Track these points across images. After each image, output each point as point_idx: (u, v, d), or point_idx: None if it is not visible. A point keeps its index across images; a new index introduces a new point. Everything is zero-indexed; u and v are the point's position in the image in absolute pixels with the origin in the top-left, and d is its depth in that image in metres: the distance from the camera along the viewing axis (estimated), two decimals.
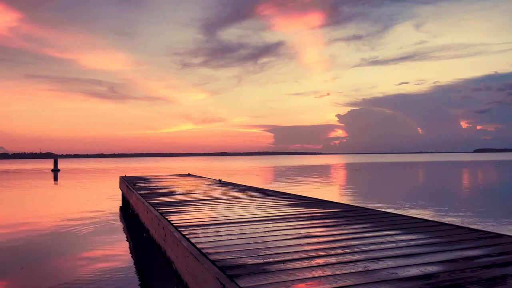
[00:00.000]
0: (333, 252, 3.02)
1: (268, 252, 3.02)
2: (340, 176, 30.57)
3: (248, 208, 5.61)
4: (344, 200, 13.70)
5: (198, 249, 3.14)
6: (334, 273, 2.47)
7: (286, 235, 3.71)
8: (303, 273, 2.46)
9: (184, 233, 3.83)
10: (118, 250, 7.12)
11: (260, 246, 3.25)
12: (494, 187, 19.87)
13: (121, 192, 12.97)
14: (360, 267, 2.60)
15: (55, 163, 44.04)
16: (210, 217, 4.85)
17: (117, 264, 6.17)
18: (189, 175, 15.11)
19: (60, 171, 44.11)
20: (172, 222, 4.49)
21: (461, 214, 10.52)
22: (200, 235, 3.72)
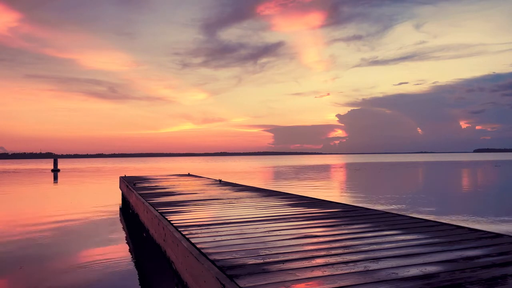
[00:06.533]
0: (333, 252, 3.01)
1: (268, 252, 3.02)
2: (340, 176, 30.56)
3: (248, 208, 5.60)
4: (344, 200, 13.69)
5: (198, 249, 3.14)
6: (334, 273, 2.47)
7: (286, 235, 3.71)
8: (303, 273, 2.46)
9: (184, 233, 3.83)
10: (118, 250, 7.11)
11: (260, 246, 3.25)
12: (494, 187, 19.86)
13: (121, 192, 12.97)
14: (360, 267, 2.60)
15: (55, 163, 44.03)
16: (210, 217, 4.84)
17: (117, 264, 6.16)
18: (189, 175, 15.11)
19: (60, 171, 44.09)
20: (172, 222, 4.49)
21: (461, 214, 10.52)
22: (200, 235, 3.71)
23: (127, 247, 7.40)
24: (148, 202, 6.37)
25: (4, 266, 6.21)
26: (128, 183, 10.37)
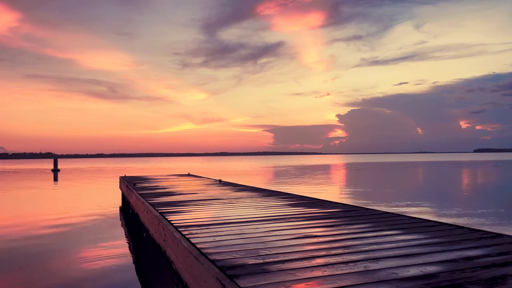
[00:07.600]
0: (333, 252, 3.02)
1: (268, 252, 3.02)
2: (340, 176, 30.57)
3: (248, 208, 5.61)
4: (344, 200, 13.69)
5: (198, 249, 3.14)
6: (334, 273, 2.47)
7: (286, 235, 3.71)
8: (303, 273, 2.46)
9: (184, 233, 3.83)
10: (118, 250, 7.11)
11: (260, 246, 3.25)
12: (494, 187, 19.86)
13: (121, 192, 12.97)
14: (360, 267, 2.60)
15: (55, 163, 44.04)
16: (210, 217, 4.85)
17: (117, 264, 6.16)
18: (189, 175, 15.11)
19: (60, 171, 44.10)
20: (172, 222, 4.49)
21: (461, 214, 10.52)
22: (200, 235, 3.72)
23: (127, 247, 7.40)
24: (148, 202, 6.37)
25: (4, 266, 6.20)
26: (128, 183, 10.37)
